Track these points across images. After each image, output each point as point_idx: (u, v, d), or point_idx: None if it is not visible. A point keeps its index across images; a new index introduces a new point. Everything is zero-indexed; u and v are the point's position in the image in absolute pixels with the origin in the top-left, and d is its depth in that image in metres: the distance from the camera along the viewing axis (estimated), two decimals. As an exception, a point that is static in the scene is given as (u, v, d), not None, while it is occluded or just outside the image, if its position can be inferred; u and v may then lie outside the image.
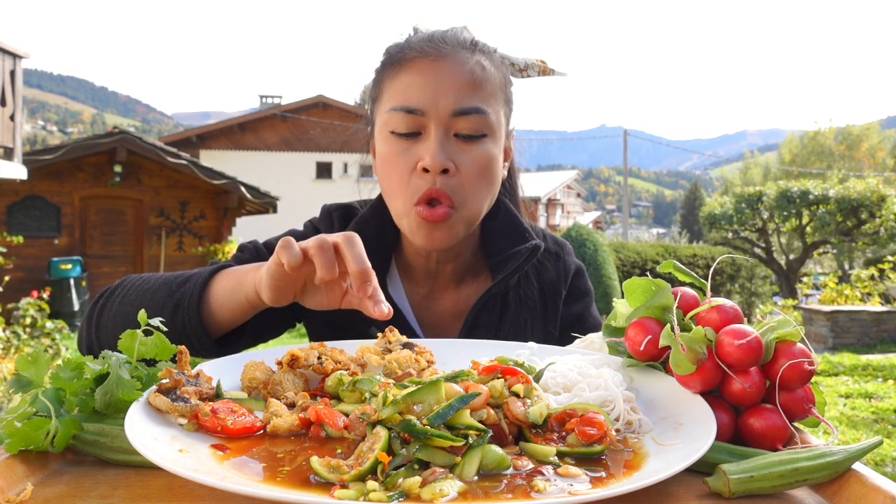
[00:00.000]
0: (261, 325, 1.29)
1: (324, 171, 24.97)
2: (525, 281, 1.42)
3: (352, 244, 0.96)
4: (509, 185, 1.51)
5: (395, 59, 1.26)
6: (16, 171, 9.18)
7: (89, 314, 1.25)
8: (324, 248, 0.96)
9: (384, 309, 0.97)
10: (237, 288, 1.12)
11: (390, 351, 0.99)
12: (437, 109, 1.20)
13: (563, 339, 1.40)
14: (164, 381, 0.83)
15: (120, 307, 1.20)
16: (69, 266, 12.92)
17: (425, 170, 1.20)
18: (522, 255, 1.34)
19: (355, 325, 1.31)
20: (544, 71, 1.39)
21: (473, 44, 1.27)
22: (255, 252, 1.38)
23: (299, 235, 1.41)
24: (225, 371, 0.93)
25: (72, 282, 12.66)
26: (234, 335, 1.21)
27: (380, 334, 1.05)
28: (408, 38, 1.30)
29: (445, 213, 1.21)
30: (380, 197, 1.38)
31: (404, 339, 1.03)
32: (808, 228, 19.22)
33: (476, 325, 1.34)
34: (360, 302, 1.00)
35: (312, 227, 1.45)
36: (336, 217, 1.44)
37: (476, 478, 0.66)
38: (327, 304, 1.07)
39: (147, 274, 1.29)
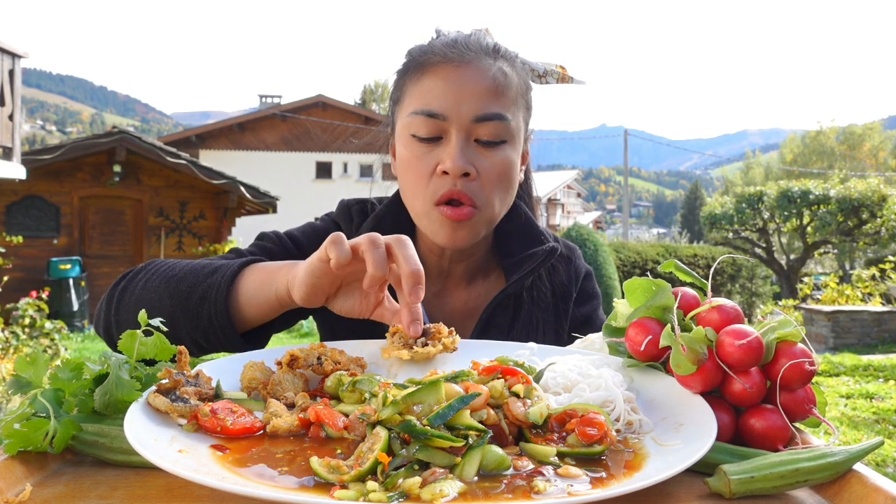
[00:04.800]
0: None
1: (323, 170, 24.98)
2: (539, 282, 1.43)
3: (404, 245, 0.94)
4: (525, 187, 1.53)
5: (419, 63, 1.27)
6: (15, 170, 9.18)
7: (110, 295, 1.23)
8: (376, 244, 0.93)
9: (419, 330, 0.97)
10: (267, 284, 1.09)
11: (411, 346, 0.98)
12: (458, 114, 1.21)
13: (571, 341, 1.41)
14: (163, 381, 0.83)
15: (143, 292, 1.18)
16: (68, 266, 12.91)
17: (445, 173, 1.22)
18: (539, 256, 1.36)
19: (369, 321, 1.32)
20: (563, 78, 1.41)
21: (496, 50, 1.28)
22: (279, 241, 1.37)
23: (321, 230, 1.42)
24: (224, 371, 0.93)
25: (71, 282, 12.65)
26: (260, 331, 1.18)
27: (391, 328, 1.03)
28: (431, 41, 1.31)
29: (470, 212, 1.23)
30: (396, 195, 1.39)
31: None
32: (808, 228, 19.23)
33: (490, 325, 1.35)
34: (393, 314, 1.00)
35: (331, 222, 1.45)
36: (355, 212, 1.44)
37: (476, 478, 0.66)
38: (358, 311, 1.06)
39: (173, 260, 1.26)
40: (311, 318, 1.42)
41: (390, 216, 1.38)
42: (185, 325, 1.11)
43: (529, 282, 1.40)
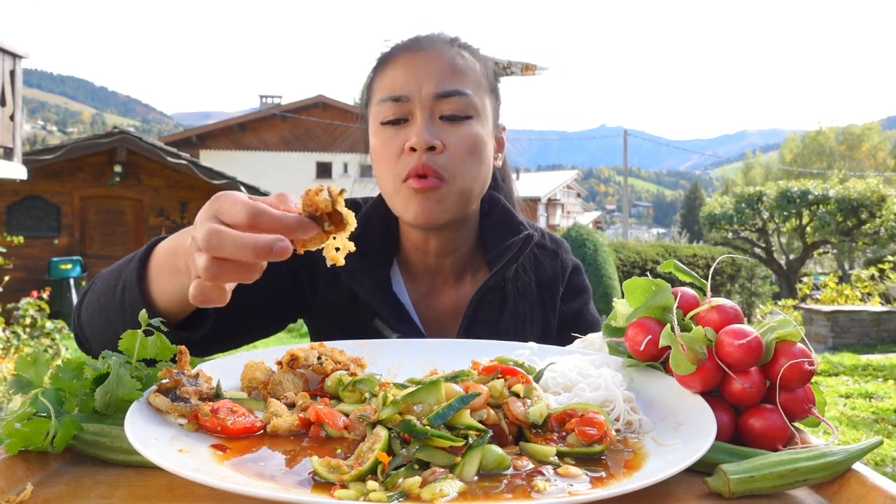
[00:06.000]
0: (263, 319, 1.29)
1: (324, 171, 24.99)
2: (523, 274, 1.44)
3: (219, 241, 0.75)
4: (505, 186, 1.56)
5: (382, 60, 1.34)
6: (16, 171, 9.17)
7: (75, 306, 1.23)
8: (213, 270, 0.77)
9: (287, 249, 0.74)
10: (174, 269, 0.96)
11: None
12: (420, 94, 1.26)
13: (562, 336, 1.40)
14: (163, 381, 0.83)
15: (92, 296, 1.15)
16: (69, 266, 12.92)
17: (413, 150, 1.24)
18: (516, 245, 1.37)
19: (359, 321, 1.32)
20: (527, 68, 1.45)
21: (454, 40, 1.35)
22: None
23: None
24: (225, 371, 0.93)
25: (72, 282, 12.67)
26: (197, 319, 1.08)
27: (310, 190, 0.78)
28: (394, 43, 1.37)
29: (436, 183, 1.24)
30: (381, 194, 1.39)
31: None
32: (808, 228, 19.23)
33: (476, 320, 1.35)
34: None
35: None
36: None
37: (476, 478, 0.66)
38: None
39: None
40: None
41: (376, 216, 1.38)
42: (119, 322, 1.02)
43: (511, 272, 1.41)
